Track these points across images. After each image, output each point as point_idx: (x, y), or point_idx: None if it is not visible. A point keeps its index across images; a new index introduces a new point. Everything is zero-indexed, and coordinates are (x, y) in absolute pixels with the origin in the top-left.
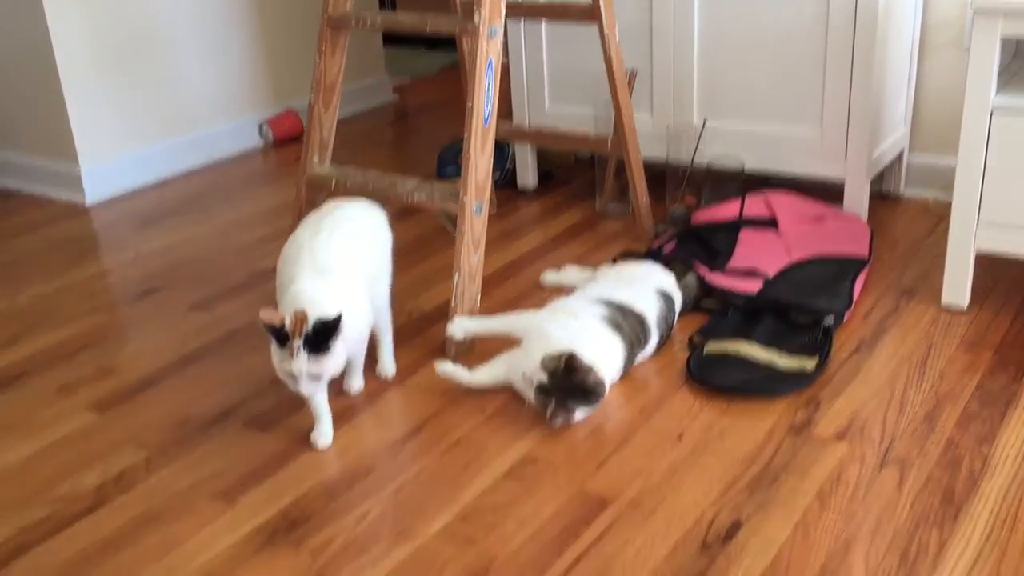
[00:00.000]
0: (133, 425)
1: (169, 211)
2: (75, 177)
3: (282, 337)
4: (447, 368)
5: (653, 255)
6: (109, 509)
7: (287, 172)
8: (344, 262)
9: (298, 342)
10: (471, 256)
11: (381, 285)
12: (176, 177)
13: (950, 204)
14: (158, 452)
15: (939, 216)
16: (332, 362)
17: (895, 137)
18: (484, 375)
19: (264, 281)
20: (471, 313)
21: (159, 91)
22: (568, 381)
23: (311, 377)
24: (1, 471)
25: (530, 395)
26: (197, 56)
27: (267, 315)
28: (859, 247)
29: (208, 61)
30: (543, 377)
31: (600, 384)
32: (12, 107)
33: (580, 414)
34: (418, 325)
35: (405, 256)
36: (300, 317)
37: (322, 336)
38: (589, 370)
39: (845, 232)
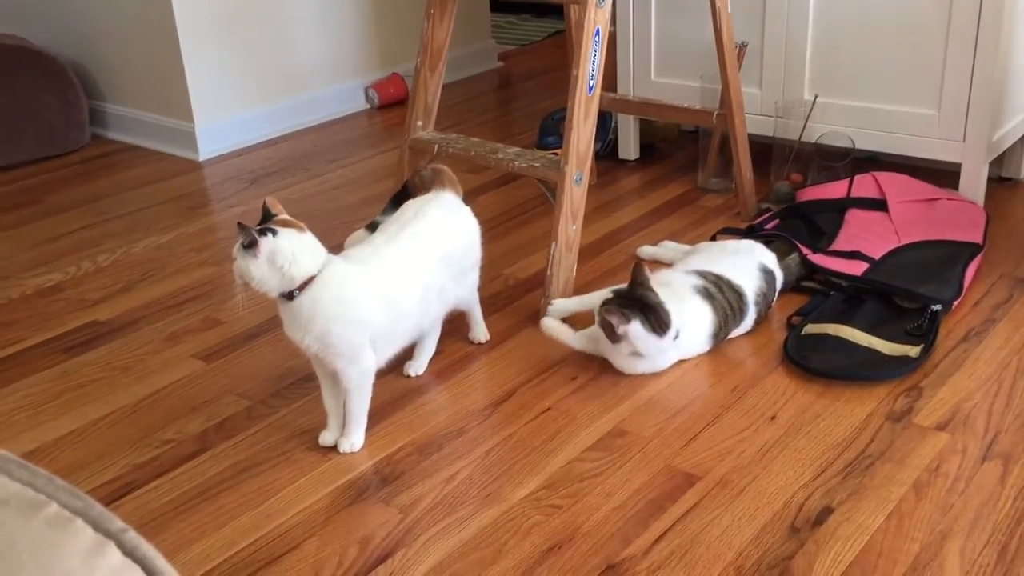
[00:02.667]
0: (236, 375)
1: (276, 170)
2: (190, 134)
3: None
4: (551, 325)
5: (754, 232)
6: (211, 455)
7: (391, 135)
8: (394, 262)
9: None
10: (569, 226)
11: (468, 277)
12: (284, 137)
13: None
14: (259, 403)
15: None
16: (245, 264)
17: (1018, 119)
18: (585, 341)
19: None
20: (567, 283)
21: (271, 53)
22: (631, 292)
23: (235, 264)
24: (115, 412)
25: (613, 356)
26: (309, 20)
27: (270, 200)
28: (973, 232)
29: (319, 25)
30: (608, 295)
31: (661, 305)
32: (134, 67)
33: (638, 332)
34: (513, 292)
35: (504, 223)
36: (275, 219)
37: (252, 237)
38: (652, 290)
39: (959, 216)
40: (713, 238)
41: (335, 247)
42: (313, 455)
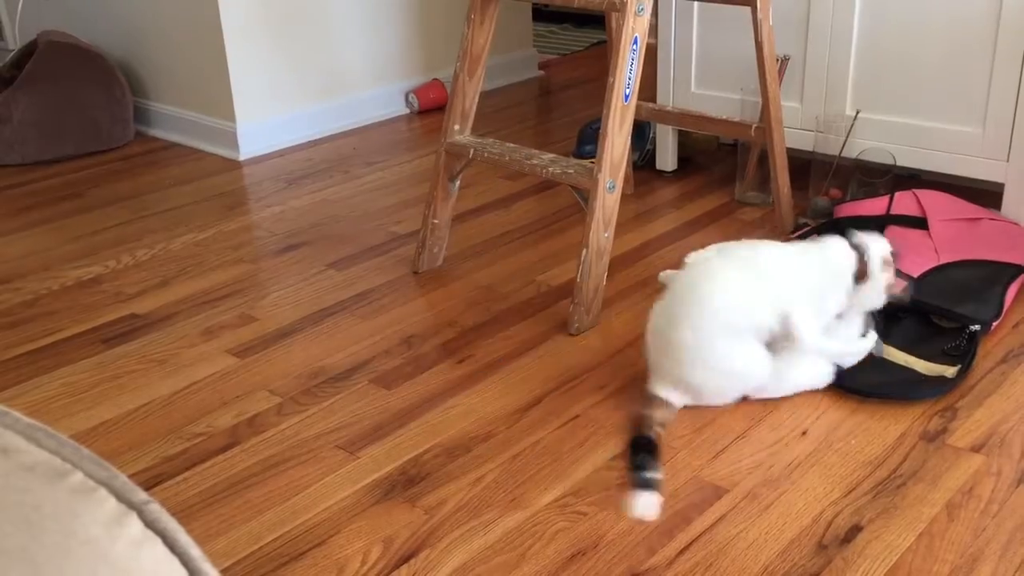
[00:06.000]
0: (268, 372)
1: (315, 171)
2: (231, 134)
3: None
4: None
5: None
6: (241, 449)
7: (429, 140)
8: None
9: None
10: (600, 234)
11: None
12: (325, 139)
13: None
14: (289, 400)
15: None
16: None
17: None
18: None
19: (399, 245)
20: (596, 291)
21: (314, 56)
22: None
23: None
24: (148, 404)
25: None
26: (353, 23)
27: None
28: (1015, 253)
29: (363, 29)
30: None
31: None
32: (179, 66)
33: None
34: (545, 299)
35: (539, 230)
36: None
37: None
38: None
39: (1001, 236)
40: None
41: (372, 248)
42: (341, 454)
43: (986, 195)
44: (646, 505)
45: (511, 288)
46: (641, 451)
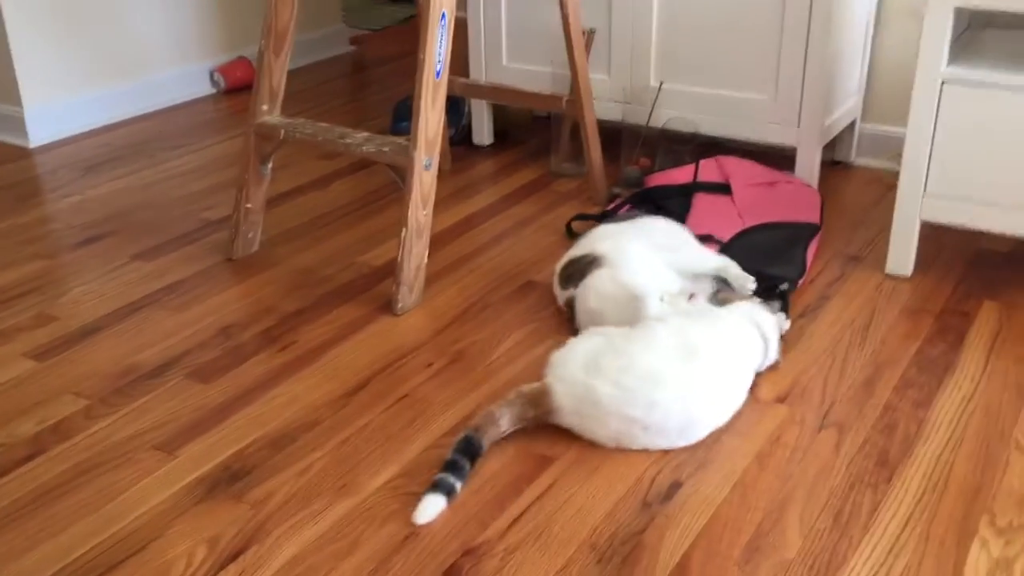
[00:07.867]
0: (73, 374)
1: (115, 157)
2: (18, 119)
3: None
4: None
5: (607, 217)
6: (46, 458)
7: (238, 121)
8: None
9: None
10: (419, 212)
11: None
12: (123, 122)
13: (899, 174)
14: (98, 402)
15: (888, 185)
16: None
17: (848, 106)
18: None
19: (211, 231)
20: (418, 269)
21: (107, 34)
22: None
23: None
24: None
25: None
26: None
27: None
28: (811, 214)
29: (159, 4)
30: None
31: None
32: None
33: None
34: (367, 281)
35: (357, 210)
36: None
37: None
38: None
39: (797, 198)
40: (568, 225)
41: (181, 236)
42: (158, 454)
43: (781, 159)
44: (427, 510)
45: (331, 271)
46: (462, 453)
